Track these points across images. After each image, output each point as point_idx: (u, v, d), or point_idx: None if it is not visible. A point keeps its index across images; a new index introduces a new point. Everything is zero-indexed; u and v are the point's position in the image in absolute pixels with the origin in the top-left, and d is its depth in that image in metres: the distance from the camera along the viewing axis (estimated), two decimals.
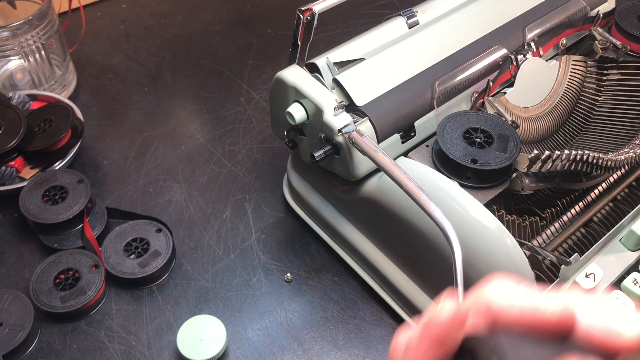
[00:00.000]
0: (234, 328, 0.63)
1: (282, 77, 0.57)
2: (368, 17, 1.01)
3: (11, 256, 0.69)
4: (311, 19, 0.54)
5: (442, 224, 0.45)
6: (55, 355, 0.61)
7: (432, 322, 0.23)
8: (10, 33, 0.76)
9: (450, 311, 0.23)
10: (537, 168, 0.54)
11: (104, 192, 0.75)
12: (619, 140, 0.63)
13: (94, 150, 0.80)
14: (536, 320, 0.23)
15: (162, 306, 0.64)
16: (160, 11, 1.03)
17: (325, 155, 0.55)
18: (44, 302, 0.61)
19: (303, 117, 0.56)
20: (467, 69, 0.61)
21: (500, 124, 0.56)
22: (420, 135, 0.59)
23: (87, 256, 0.65)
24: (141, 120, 0.84)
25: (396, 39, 0.62)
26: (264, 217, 0.73)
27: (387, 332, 0.63)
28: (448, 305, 0.23)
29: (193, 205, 0.74)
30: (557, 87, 0.67)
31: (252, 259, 0.69)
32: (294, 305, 0.65)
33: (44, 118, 0.75)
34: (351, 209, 0.63)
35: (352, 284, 0.67)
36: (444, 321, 0.23)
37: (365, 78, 0.58)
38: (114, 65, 0.93)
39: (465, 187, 0.52)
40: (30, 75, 0.82)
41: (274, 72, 0.66)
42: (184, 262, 0.68)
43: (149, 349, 0.61)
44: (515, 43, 0.65)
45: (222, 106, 0.86)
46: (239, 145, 0.81)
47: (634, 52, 0.68)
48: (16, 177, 0.73)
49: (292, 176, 0.70)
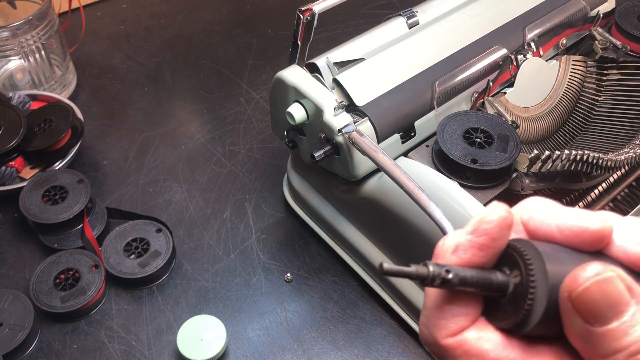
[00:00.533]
0: (234, 328, 0.63)
1: (282, 77, 0.57)
2: (368, 17, 1.01)
3: (11, 256, 0.69)
4: (311, 19, 0.54)
5: (442, 224, 0.45)
6: (55, 355, 0.61)
7: (483, 222, 0.25)
8: (10, 33, 0.76)
9: (501, 212, 0.24)
10: (537, 168, 0.54)
11: (104, 192, 0.75)
12: (619, 140, 0.63)
13: (94, 150, 0.80)
14: (575, 230, 0.24)
15: (162, 306, 0.64)
16: (160, 11, 1.03)
17: (325, 155, 0.55)
18: (44, 302, 0.61)
19: (303, 117, 0.56)
20: (467, 69, 0.61)
21: (500, 124, 0.56)
22: (420, 135, 0.59)
23: (87, 256, 0.65)
24: (141, 120, 0.84)
25: (396, 39, 0.62)
26: (264, 217, 0.73)
27: (387, 332, 0.63)
28: (499, 207, 0.25)
29: (193, 205, 0.74)
30: (557, 87, 0.67)
31: (252, 259, 0.69)
32: (294, 305, 0.65)
33: (44, 118, 0.75)
34: (351, 209, 0.63)
35: (352, 284, 0.67)
36: (495, 221, 0.24)
37: (365, 78, 0.58)
38: (114, 65, 0.93)
39: (465, 187, 0.52)
40: (30, 75, 0.82)
41: (274, 72, 0.66)
42: (184, 262, 0.68)
43: (149, 349, 0.61)
44: (515, 43, 0.65)
45: (222, 106, 0.86)
46: (239, 145, 0.81)
47: (634, 52, 0.68)
48: (16, 177, 0.73)
49: (292, 176, 0.70)
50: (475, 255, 0.25)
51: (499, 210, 0.25)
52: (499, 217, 0.24)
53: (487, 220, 0.24)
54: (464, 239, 0.25)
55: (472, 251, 0.25)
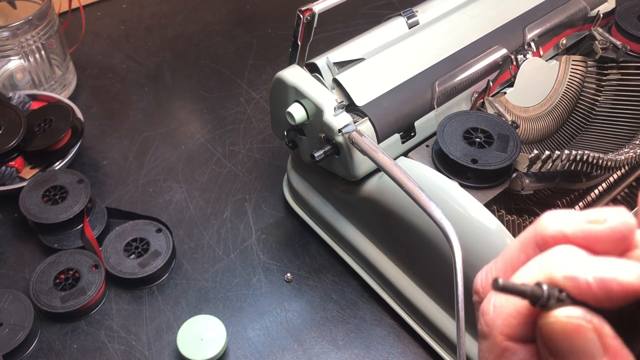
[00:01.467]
0: (234, 328, 0.63)
1: (282, 77, 0.57)
2: (368, 17, 1.01)
3: (11, 256, 0.69)
4: (311, 19, 0.54)
5: (442, 224, 0.45)
6: (55, 355, 0.61)
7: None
8: (10, 33, 0.76)
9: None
10: (537, 168, 0.54)
11: (104, 192, 0.75)
12: (619, 140, 0.63)
13: (94, 150, 0.80)
14: (593, 234, 0.23)
15: (162, 306, 0.64)
16: (160, 11, 1.03)
17: (325, 155, 0.55)
18: (44, 302, 0.61)
19: (303, 117, 0.56)
20: (467, 69, 0.61)
21: (500, 124, 0.56)
22: (420, 135, 0.59)
23: (87, 256, 0.65)
24: (141, 120, 0.84)
25: (396, 39, 0.62)
26: (264, 217, 0.73)
27: (387, 332, 0.63)
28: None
29: (193, 205, 0.74)
30: (557, 87, 0.67)
31: (252, 259, 0.69)
32: (294, 305, 0.65)
33: (44, 118, 0.75)
34: (351, 209, 0.63)
35: (352, 284, 0.67)
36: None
37: (365, 78, 0.58)
38: (114, 65, 0.93)
39: (465, 187, 0.52)
40: (30, 75, 0.82)
41: (274, 72, 0.66)
42: (184, 262, 0.68)
43: (149, 349, 0.61)
44: (515, 43, 0.65)
45: (222, 106, 0.86)
46: (239, 145, 0.81)
47: (634, 52, 0.68)
48: (16, 177, 0.73)
49: (292, 176, 0.70)
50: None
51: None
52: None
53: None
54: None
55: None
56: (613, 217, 0.23)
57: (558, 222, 0.24)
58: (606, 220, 0.23)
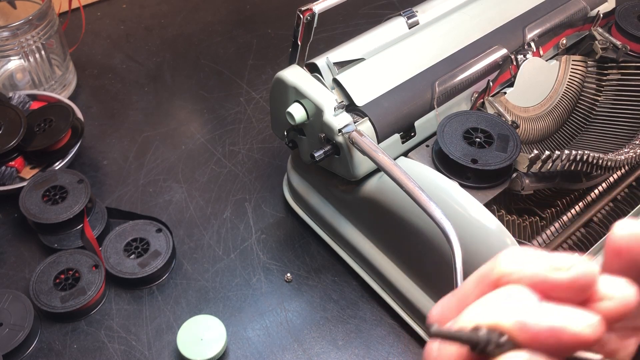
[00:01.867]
0: (234, 328, 0.63)
1: (282, 77, 0.57)
2: (368, 17, 1.01)
3: (11, 256, 0.69)
4: (311, 19, 0.54)
5: (442, 224, 0.45)
6: (55, 355, 0.61)
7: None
8: (10, 33, 0.76)
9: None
10: (537, 168, 0.54)
11: (104, 192, 0.75)
12: (619, 140, 0.63)
13: (94, 150, 0.80)
14: (553, 281, 0.22)
15: (162, 306, 0.64)
16: (160, 11, 1.03)
17: (325, 155, 0.55)
18: (44, 302, 0.61)
19: (303, 117, 0.56)
20: (467, 69, 0.61)
21: (500, 124, 0.56)
22: (420, 135, 0.59)
23: (87, 256, 0.65)
24: (141, 120, 0.84)
25: (396, 39, 0.62)
26: (264, 217, 0.73)
27: (387, 332, 0.63)
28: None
29: (193, 205, 0.74)
30: (557, 87, 0.67)
31: (252, 259, 0.69)
32: (294, 305, 0.65)
33: (44, 118, 0.75)
34: (351, 209, 0.63)
35: (352, 284, 0.67)
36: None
37: (365, 78, 0.58)
38: (114, 65, 0.93)
39: (465, 187, 0.52)
40: (30, 75, 0.82)
41: (274, 72, 0.66)
42: (184, 262, 0.68)
43: (149, 349, 0.61)
44: (515, 43, 0.65)
45: (222, 106, 0.86)
46: (239, 145, 0.81)
47: (634, 52, 0.68)
48: (16, 177, 0.73)
49: (292, 176, 0.70)
50: None
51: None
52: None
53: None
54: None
55: None
56: (577, 266, 0.22)
57: (517, 262, 0.23)
58: (570, 268, 0.22)
